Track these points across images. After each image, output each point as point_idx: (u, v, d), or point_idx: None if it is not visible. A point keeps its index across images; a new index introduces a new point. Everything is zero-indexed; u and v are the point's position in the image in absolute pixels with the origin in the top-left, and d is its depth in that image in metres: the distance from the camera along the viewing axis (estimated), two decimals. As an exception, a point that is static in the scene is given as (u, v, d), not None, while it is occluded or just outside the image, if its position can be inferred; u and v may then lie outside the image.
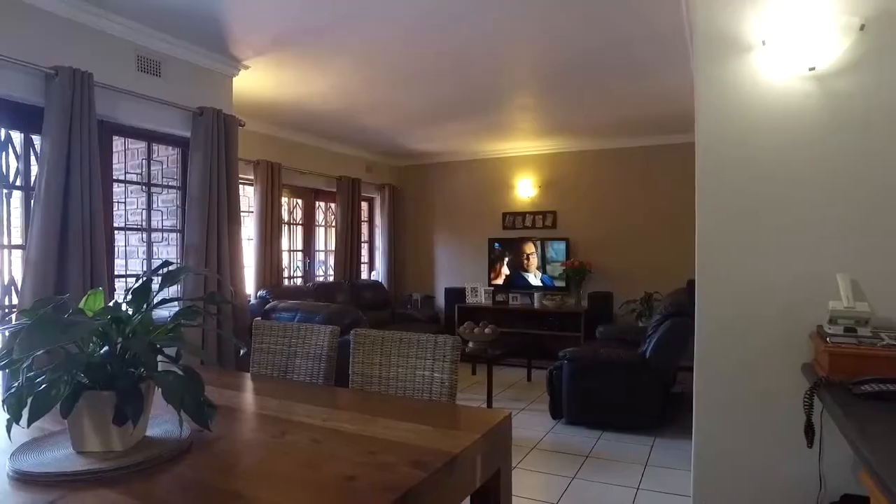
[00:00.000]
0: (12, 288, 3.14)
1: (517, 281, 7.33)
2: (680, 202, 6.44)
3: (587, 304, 6.84)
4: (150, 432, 1.50)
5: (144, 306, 1.52)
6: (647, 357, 4.27)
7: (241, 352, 1.69)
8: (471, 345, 5.76)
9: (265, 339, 2.45)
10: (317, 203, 7.13)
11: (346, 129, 6.37)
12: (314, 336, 2.32)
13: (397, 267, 8.12)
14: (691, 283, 3.98)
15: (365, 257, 7.96)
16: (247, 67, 4.18)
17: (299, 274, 6.87)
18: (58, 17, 3.09)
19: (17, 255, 3.16)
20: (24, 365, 1.22)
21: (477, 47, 3.82)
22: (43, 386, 1.20)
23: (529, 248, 7.30)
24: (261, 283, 5.73)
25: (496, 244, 7.51)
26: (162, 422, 1.58)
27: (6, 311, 3.11)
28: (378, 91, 4.90)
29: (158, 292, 1.55)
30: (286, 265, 6.52)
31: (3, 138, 3.07)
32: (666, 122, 5.95)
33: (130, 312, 1.49)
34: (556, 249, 7.14)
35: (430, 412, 1.89)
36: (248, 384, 2.23)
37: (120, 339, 1.41)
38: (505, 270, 7.41)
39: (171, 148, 3.99)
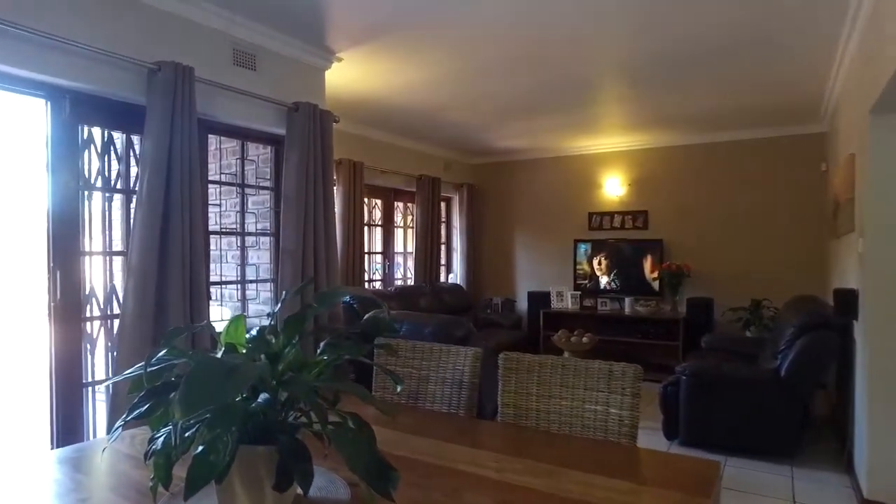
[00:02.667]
0: (114, 296, 2.98)
1: (605, 285, 6.88)
2: (801, 203, 5.85)
3: (685, 310, 6.33)
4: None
5: (296, 338, 1.23)
6: (781, 374, 3.77)
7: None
8: (566, 355, 5.38)
9: (388, 359, 2.16)
10: (395, 203, 6.89)
11: (426, 126, 6.09)
12: (452, 358, 2.01)
13: (476, 269, 7.80)
14: (842, 293, 3.47)
15: (442, 259, 7.67)
16: (340, 60, 3.93)
17: (378, 277, 6.65)
18: (157, 11, 2.91)
19: (118, 261, 3.01)
20: (181, 425, 0.94)
21: (577, 34, 3.44)
22: (200, 448, 0.92)
23: (615, 250, 6.84)
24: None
25: (582, 245, 7.08)
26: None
27: (110, 319, 2.95)
28: (467, 83, 4.58)
29: (308, 316, 1.26)
30: (365, 268, 6.30)
31: (106, 139, 2.90)
32: (785, 111, 5.37)
33: (282, 346, 1.22)
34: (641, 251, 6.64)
35: (622, 461, 1.54)
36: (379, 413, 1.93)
37: (274, 382, 1.12)
38: (593, 273, 6.97)
39: (262, 147, 3.79)
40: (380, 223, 6.63)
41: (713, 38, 3.54)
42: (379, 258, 6.67)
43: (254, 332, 1.30)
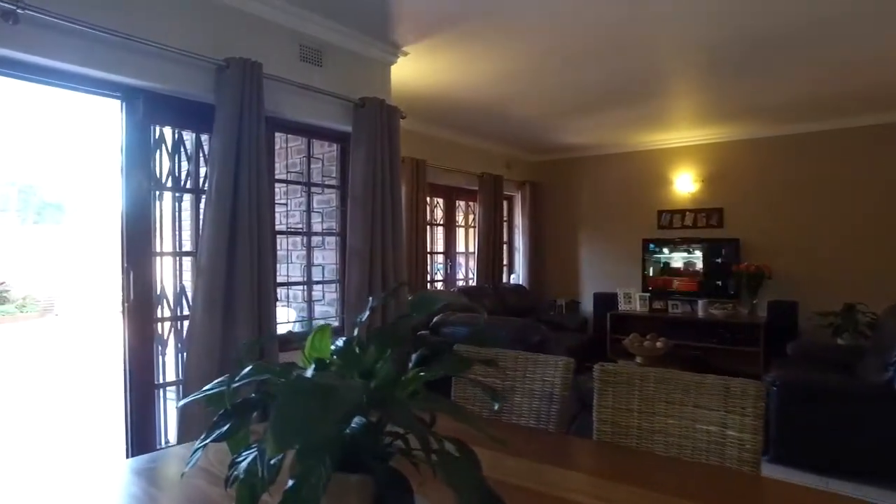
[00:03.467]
0: (183, 297, 2.95)
1: (675, 287, 6.53)
2: None
3: (765, 314, 5.92)
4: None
5: (388, 351, 1.10)
6: (895, 387, 3.41)
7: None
8: (638, 360, 5.11)
9: (484, 371, 2.00)
10: (456, 202, 6.75)
11: (489, 122, 5.92)
12: (541, 369, 1.84)
13: (538, 270, 7.57)
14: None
15: (503, 259, 7.49)
16: (405, 54, 3.82)
17: (440, 278, 6.53)
18: (226, 7, 2.87)
19: (184, 262, 2.99)
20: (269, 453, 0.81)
21: (659, 16, 3.20)
22: (291, 483, 0.79)
23: (688, 250, 6.48)
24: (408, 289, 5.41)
25: (651, 245, 6.75)
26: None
27: (179, 320, 2.93)
28: (536, 77, 4.39)
29: (404, 327, 1.12)
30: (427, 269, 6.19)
31: (176, 139, 2.88)
32: (887, 96, 4.93)
33: (373, 360, 1.08)
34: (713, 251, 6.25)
35: (748, 493, 1.34)
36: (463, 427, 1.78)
37: (367, 402, 0.99)
38: (662, 274, 6.64)
39: (327, 144, 3.72)
40: (441, 222, 6.51)
41: (814, 9, 3.21)
42: (440, 258, 6.55)
43: (339, 342, 1.18)
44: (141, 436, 2.72)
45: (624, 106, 5.28)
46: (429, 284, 6.09)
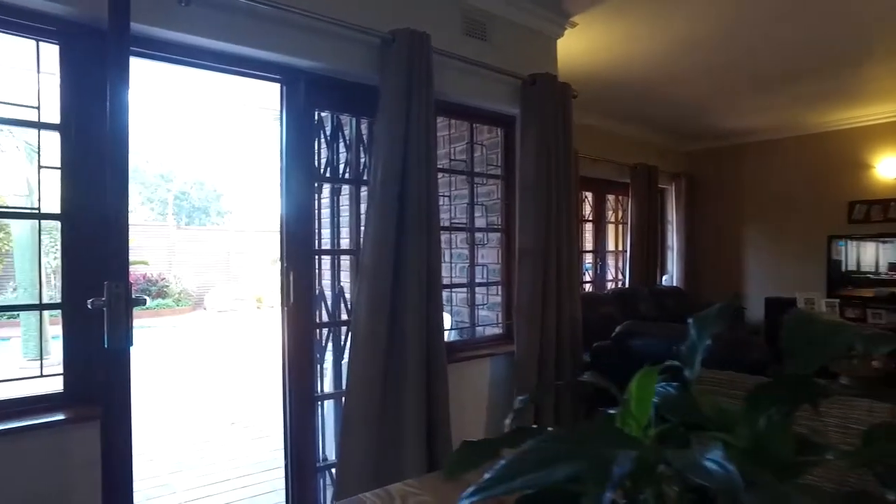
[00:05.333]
0: (340, 300, 2.70)
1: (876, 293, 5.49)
2: None
3: None
4: None
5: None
6: None
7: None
8: (843, 380, 4.26)
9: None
10: (606, 196, 6.15)
11: (647, 106, 5.28)
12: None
13: (694, 270, 6.77)
14: None
15: (658, 259, 6.77)
16: (573, 25, 3.35)
17: (588, 278, 5.98)
18: (387, -25, 2.57)
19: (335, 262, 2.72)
20: None
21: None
22: None
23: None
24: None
25: (840, 242, 5.74)
26: None
27: (336, 326, 2.67)
28: (713, 47, 3.77)
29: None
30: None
31: (334, 124, 2.63)
32: None
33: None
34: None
35: None
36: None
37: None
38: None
39: (486, 129, 3.34)
40: (590, 218, 5.95)
41: None
42: (589, 258, 5.99)
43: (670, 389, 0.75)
44: (300, 449, 2.48)
45: (811, 79, 4.45)
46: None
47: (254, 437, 4.52)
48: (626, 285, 6.02)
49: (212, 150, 20.55)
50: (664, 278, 6.83)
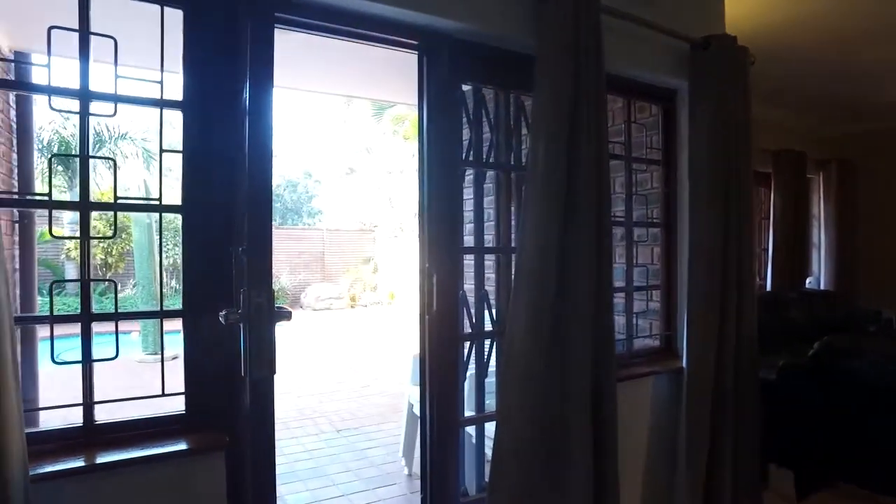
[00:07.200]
0: (484, 307, 2.30)
1: None
2: None
3: None
4: None
5: None
6: None
7: None
8: None
9: None
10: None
11: (800, 80, 4.52)
12: None
13: (848, 272, 5.89)
14: None
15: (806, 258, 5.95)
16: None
17: (724, 280, 5.29)
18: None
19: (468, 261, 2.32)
20: None
21: None
22: None
23: None
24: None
25: None
26: None
27: (478, 338, 2.28)
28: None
29: None
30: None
31: (477, 99, 2.24)
32: None
33: None
34: None
35: None
36: None
37: None
38: None
39: (638, 107, 2.85)
40: (727, 213, 5.26)
41: None
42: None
43: None
44: (442, 481, 2.11)
45: None
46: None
47: (365, 445, 4.26)
48: (768, 288, 5.29)
49: (305, 149, 21.05)
50: (808, 280, 6.00)
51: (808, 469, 2.50)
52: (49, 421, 3.28)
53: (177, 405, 1.67)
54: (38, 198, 3.07)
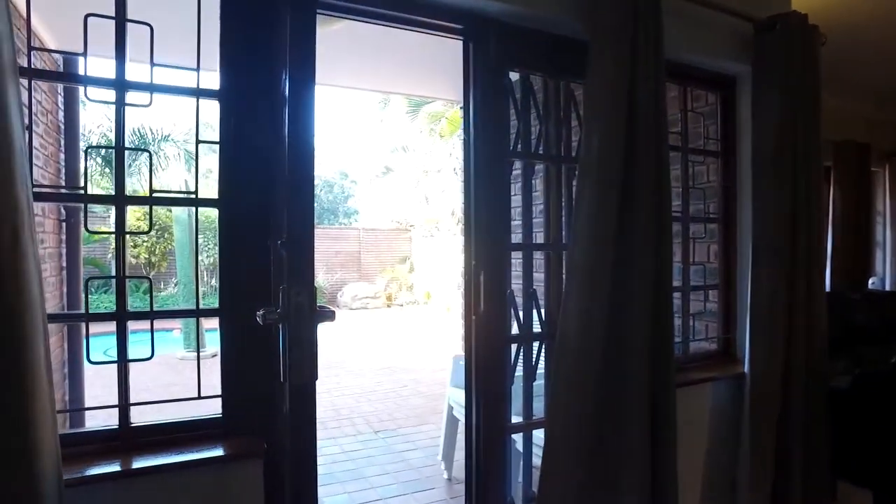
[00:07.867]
0: (532, 307, 2.17)
1: None
2: None
3: None
4: None
5: None
6: None
7: None
8: None
9: None
10: (799, 182, 5.16)
11: (865, 64, 4.23)
12: None
13: (914, 272, 5.55)
14: None
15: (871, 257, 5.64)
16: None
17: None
18: None
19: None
20: None
21: None
22: None
23: None
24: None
25: None
26: None
27: (525, 340, 2.16)
28: None
29: None
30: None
31: (525, 87, 2.11)
32: None
33: None
34: None
35: None
36: None
37: None
38: None
39: (694, 95, 2.68)
40: (782, 209, 5.00)
41: None
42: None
43: None
44: (486, 488, 2.00)
45: None
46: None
47: (403, 447, 4.18)
48: (827, 289, 4.99)
49: (342, 150, 21.22)
50: (871, 281, 5.67)
51: (891, 489, 2.30)
52: (94, 418, 3.32)
53: (214, 407, 1.61)
54: (73, 192, 3.07)
